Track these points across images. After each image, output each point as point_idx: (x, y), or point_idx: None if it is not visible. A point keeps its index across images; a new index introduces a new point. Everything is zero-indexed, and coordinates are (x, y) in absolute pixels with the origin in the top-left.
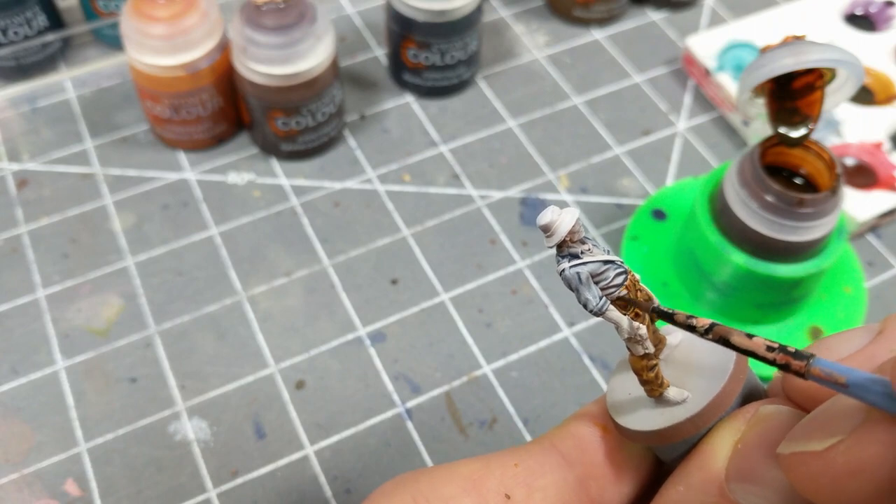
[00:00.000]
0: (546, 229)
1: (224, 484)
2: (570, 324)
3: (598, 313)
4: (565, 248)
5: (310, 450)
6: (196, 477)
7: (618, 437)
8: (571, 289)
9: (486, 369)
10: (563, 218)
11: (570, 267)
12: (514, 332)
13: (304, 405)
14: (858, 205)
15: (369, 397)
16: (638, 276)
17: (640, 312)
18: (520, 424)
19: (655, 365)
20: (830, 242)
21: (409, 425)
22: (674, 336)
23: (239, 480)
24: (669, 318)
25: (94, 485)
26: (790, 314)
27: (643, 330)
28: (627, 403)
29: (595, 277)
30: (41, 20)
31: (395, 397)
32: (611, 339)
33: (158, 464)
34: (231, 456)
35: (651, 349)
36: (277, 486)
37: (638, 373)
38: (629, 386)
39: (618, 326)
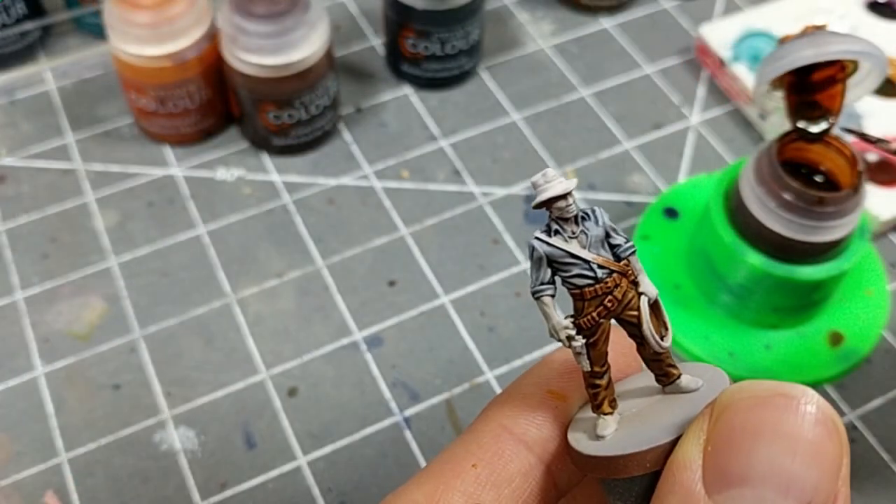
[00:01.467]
0: (533, 186)
1: (212, 496)
2: None
3: (533, 297)
4: (549, 219)
5: (302, 460)
6: (183, 489)
7: (572, 407)
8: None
9: (489, 376)
10: (551, 185)
11: (535, 238)
12: (517, 337)
13: (297, 413)
14: (881, 203)
15: (365, 405)
16: (645, 293)
17: (588, 326)
18: None
19: (596, 386)
20: (852, 243)
21: (408, 435)
22: (692, 381)
23: (228, 493)
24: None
25: (75, 497)
26: (809, 318)
27: (578, 343)
28: (584, 425)
29: (554, 264)
30: (19, 8)
31: (393, 405)
32: None
33: (143, 475)
34: (219, 467)
35: (586, 367)
36: (268, 499)
37: (583, 383)
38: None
39: (547, 325)
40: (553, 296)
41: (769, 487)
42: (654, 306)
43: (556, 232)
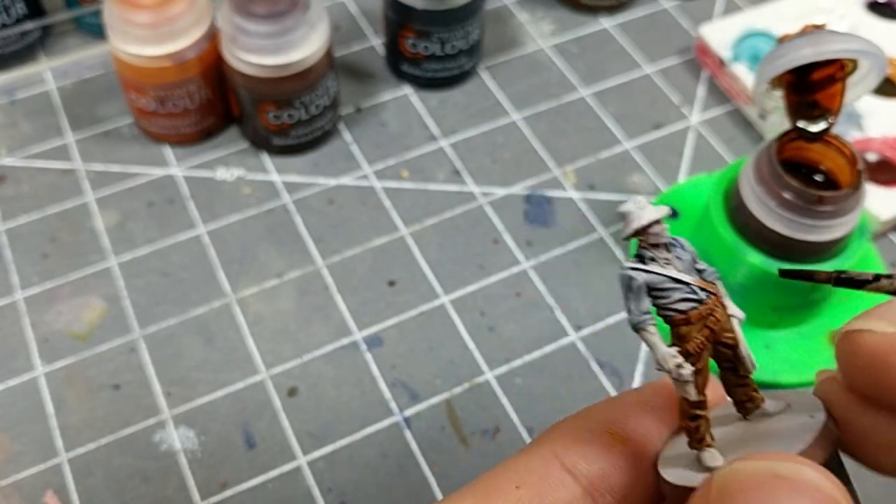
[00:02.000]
0: (622, 217)
1: (212, 496)
2: (577, 328)
3: (634, 329)
4: (640, 247)
5: (303, 460)
6: (182, 489)
7: (632, 450)
8: (621, 291)
9: (489, 375)
10: (641, 213)
11: (629, 267)
12: (518, 337)
13: (297, 413)
14: (881, 202)
15: (365, 405)
16: (734, 315)
17: (698, 351)
18: (524, 434)
19: (699, 417)
20: (851, 242)
21: (408, 435)
22: (776, 403)
23: (228, 493)
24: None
25: (75, 497)
26: (808, 318)
27: (687, 371)
28: (678, 453)
29: (653, 291)
30: (19, 8)
31: (393, 405)
32: (620, 344)
33: (143, 475)
34: (220, 467)
35: (693, 397)
36: (268, 499)
37: (680, 416)
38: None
39: (654, 355)
40: (655, 325)
41: None
42: None
43: (651, 259)
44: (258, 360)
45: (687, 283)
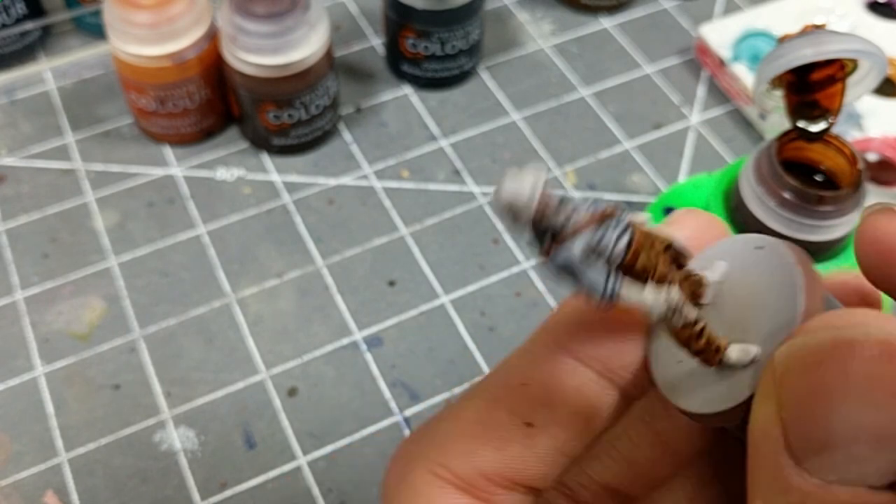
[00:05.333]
0: (510, 209)
1: (212, 496)
2: None
3: (609, 304)
4: (543, 225)
5: (303, 460)
6: (182, 489)
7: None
8: (567, 279)
9: None
10: (522, 184)
11: (557, 252)
12: (518, 337)
13: (297, 413)
14: (881, 202)
15: (365, 405)
16: (645, 219)
17: (664, 271)
18: None
19: (703, 328)
20: (852, 242)
21: (408, 435)
22: (713, 270)
23: (228, 493)
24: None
25: (75, 497)
26: None
27: (676, 294)
28: (684, 376)
29: (594, 250)
30: (19, 8)
31: (393, 405)
32: None
33: (143, 475)
34: (220, 467)
35: (692, 315)
36: (268, 499)
37: (685, 345)
38: (678, 352)
39: (645, 309)
40: (622, 285)
41: (861, 444)
42: None
43: (557, 229)
44: (258, 360)
45: (611, 216)
